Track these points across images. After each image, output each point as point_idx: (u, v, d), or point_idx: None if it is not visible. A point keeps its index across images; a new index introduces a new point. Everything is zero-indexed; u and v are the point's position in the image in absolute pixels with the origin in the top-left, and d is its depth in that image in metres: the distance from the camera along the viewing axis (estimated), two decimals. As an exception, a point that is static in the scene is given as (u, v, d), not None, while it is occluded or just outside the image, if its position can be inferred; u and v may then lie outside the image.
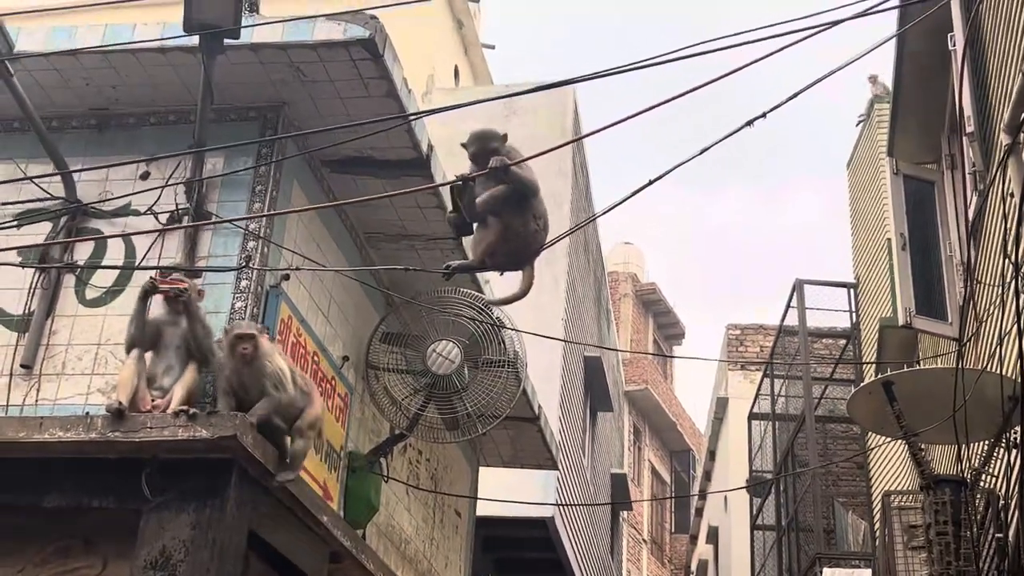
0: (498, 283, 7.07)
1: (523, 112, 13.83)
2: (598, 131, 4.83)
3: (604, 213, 5.21)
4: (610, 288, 26.07)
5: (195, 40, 5.56)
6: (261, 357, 5.17)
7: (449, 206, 5.27)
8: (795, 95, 4.70)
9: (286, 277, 5.94)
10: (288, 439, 5.28)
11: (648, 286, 30.27)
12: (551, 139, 14.05)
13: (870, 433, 10.50)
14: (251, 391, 5.16)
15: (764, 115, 4.66)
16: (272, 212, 5.85)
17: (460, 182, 4.94)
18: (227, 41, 5.55)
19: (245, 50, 5.71)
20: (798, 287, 13.08)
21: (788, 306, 13.51)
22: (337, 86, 5.90)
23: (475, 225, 5.20)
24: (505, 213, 5.00)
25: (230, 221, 5.63)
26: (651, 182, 4.84)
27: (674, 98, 4.60)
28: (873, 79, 12.16)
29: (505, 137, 5.24)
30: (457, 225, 5.22)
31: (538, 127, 13.74)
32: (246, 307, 5.65)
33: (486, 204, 4.99)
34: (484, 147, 5.06)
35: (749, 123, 4.66)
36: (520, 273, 5.21)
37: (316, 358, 6.43)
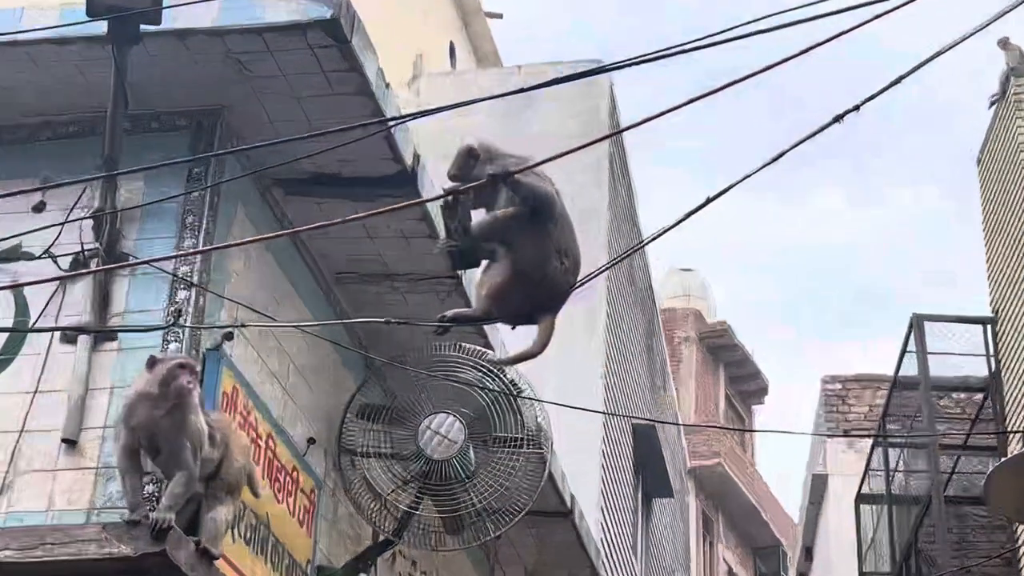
0: (513, 335, 7.10)
1: (543, 101, 13.92)
2: (642, 122, 4.81)
3: (654, 238, 5.24)
4: (665, 330, 26.07)
5: (103, 27, 5.65)
6: (189, 409, 5.20)
7: (442, 231, 5.31)
8: (900, 79, 4.75)
9: (229, 336, 5.98)
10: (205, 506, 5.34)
11: (716, 326, 30.24)
12: (581, 137, 14.07)
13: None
14: (163, 451, 5.18)
15: (857, 107, 4.71)
16: (209, 248, 5.91)
17: (449, 196, 4.94)
18: (145, 27, 5.63)
19: (169, 38, 5.79)
20: (917, 324, 13.04)
21: (904, 350, 13.46)
22: (292, 82, 5.96)
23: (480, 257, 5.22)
24: (515, 244, 4.97)
25: (152, 263, 5.69)
26: (710, 199, 4.87)
27: (736, 81, 4.63)
28: (1005, 43, 12.14)
29: (476, 153, 5.12)
30: (454, 255, 5.22)
31: (564, 121, 13.84)
32: (176, 377, 5.67)
33: (487, 231, 4.95)
34: (464, 162, 5.04)
35: (838, 119, 4.70)
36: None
37: (271, 443, 6.46)
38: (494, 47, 17.98)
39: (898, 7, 4.58)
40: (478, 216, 5.03)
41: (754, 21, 4.58)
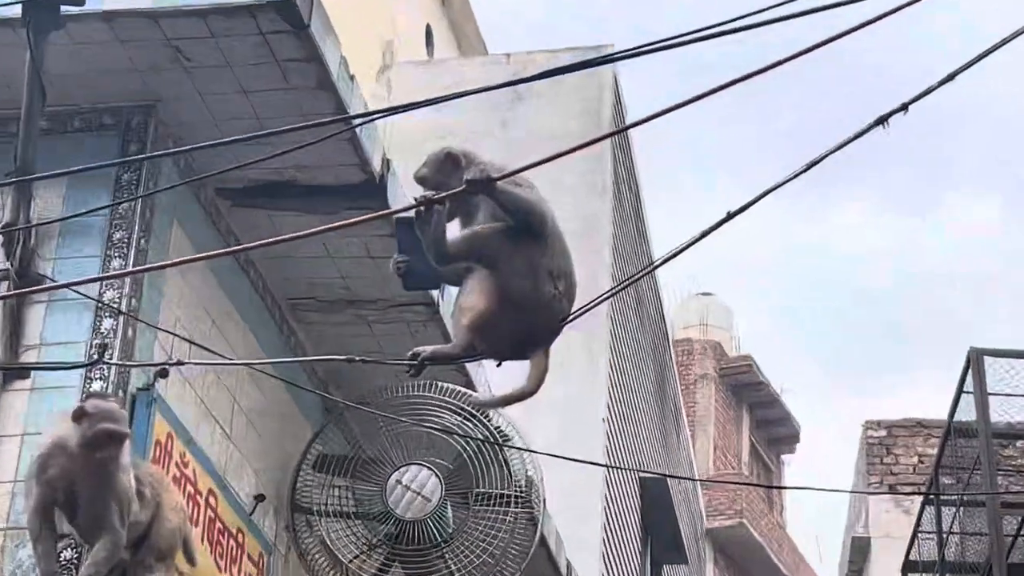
0: (499, 372, 7.05)
1: (536, 96, 13.92)
2: (647, 119, 4.77)
3: (668, 259, 5.18)
4: (679, 365, 26.04)
5: (17, 9, 5.60)
6: (115, 463, 5.12)
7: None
8: (955, 73, 4.71)
9: (164, 374, 5.92)
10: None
11: (740, 361, 30.24)
12: (581, 138, 14.04)
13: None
14: (83, 511, 5.09)
15: (905, 107, 4.67)
16: (140, 268, 5.86)
17: (422, 206, 4.86)
18: (66, 9, 5.58)
19: (95, 22, 5.75)
20: (975, 360, 12.99)
21: (960, 390, 13.41)
22: (239, 74, 5.94)
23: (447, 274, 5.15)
24: (500, 264, 4.91)
25: (72, 287, 5.62)
26: (731, 214, 4.82)
27: (758, 72, 4.59)
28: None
29: (457, 159, 5.07)
30: (407, 274, 5.11)
31: (560, 120, 13.83)
32: (100, 422, 5.61)
33: (466, 247, 4.89)
34: (442, 168, 4.99)
35: (882, 121, 4.66)
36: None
37: (212, 500, 6.40)
38: (478, 32, 17.95)
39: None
40: (453, 230, 4.96)
41: (777, 6, 4.56)
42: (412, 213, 5.01)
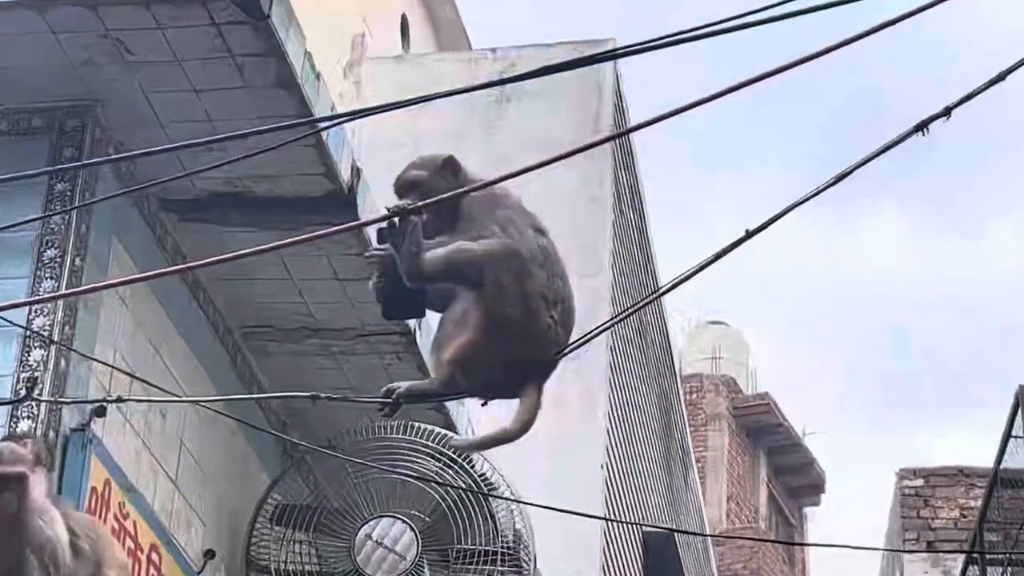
0: (484, 412, 7.12)
1: (526, 96, 14.01)
2: (653, 121, 4.84)
3: (676, 284, 5.26)
4: (689, 403, 26.05)
5: (-65, -4, 5.68)
6: (28, 513, 5.15)
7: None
8: (1006, 73, 4.83)
9: (101, 412, 5.98)
10: None
11: (756, 399, 30.31)
12: (576, 141, 14.11)
13: None
14: None
15: (948, 112, 4.78)
16: (73, 291, 5.91)
17: (396, 216, 4.92)
18: (-8, -4, 5.67)
19: (24, 11, 5.81)
20: (1023, 400, 13.09)
21: (1009, 435, 13.51)
22: (188, 71, 6.00)
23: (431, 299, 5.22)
24: (487, 289, 4.97)
25: (-1, 314, 5.68)
26: (750, 233, 4.92)
27: (768, 74, 4.69)
28: None
29: (457, 169, 5.14)
30: (389, 298, 5.17)
31: (553, 120, 13.90)
32: (29, 467, 5.67)
33: (445, 266, 4.93)
34: (441, 175, 5.05)
35: (921, 127, 4.76)
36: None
37: (155, 556, 6.44)
38: (460, 24, 18.03)
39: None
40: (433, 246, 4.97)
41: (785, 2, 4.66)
42: (384, 224, 5.08)
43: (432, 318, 5.30)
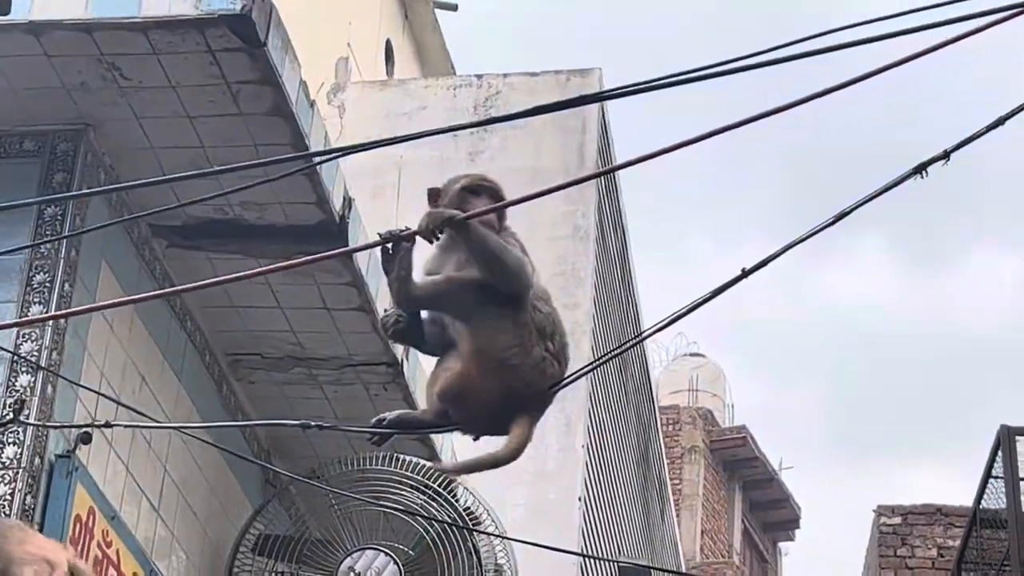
0: (468, 446, 7.12)
1: (511, 125, 13.99)
2: (636, 161, 4.86)
3: (666, 324, 5.26)
4: (665, 436, 26.04)
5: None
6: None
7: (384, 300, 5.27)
8: (1006, 118, 4.85)
9: (86, 439, 5.96)
10: None
11: (733, 432, 30.33)
12: (560, 172, 14.19)
13: None
14: None
15: (947, 156, 4.81)
16: (62, 313, 5.89)
17: (386, 242, 4.89)
18: (-13, 19, 5.65)
19: (19, 34, 5.81)
20: (1006, 439, 13.10)
21: (988, 474, 13.52)
22: (183, 96, 6.01)
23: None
24: (478, 318, 4.95)
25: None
26: (746, 272, 4.92)
27: (761, 116, 4.70)
28: None
29: (481, 186, 5.17)
30: (403, 335, 5.16)
31: (537, 150, 13.92)
32: (12, 493, 5.67)
33: (439, 292, 4.91)
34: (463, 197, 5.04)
35: (920, 169, 4.78)
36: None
37: (139, 585, 6.42)
38: (444, 49, 18.05)
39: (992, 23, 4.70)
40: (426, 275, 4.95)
41: (796, 42, 4.67)
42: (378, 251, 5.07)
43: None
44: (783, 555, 33.35)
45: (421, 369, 6.60)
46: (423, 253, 5.08)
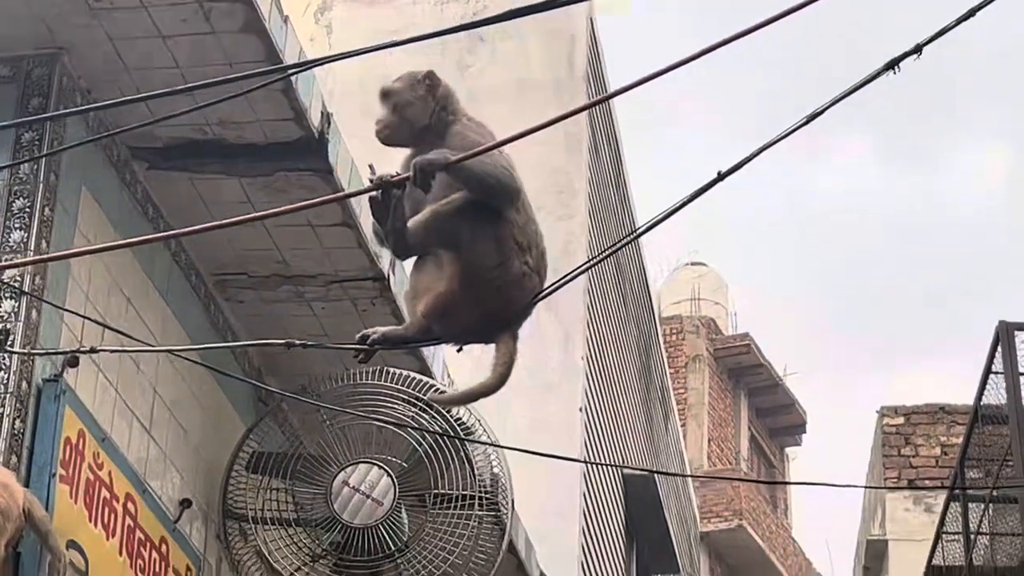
0: (459, 359, 7.14)
1: (500, 37, 13.98)
2: (632, 86, 4.86)
3: (651, 226, 5.27)
4: (668, 346, 26.11)
5: None
6: None
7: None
8: (976, 9, 4.84)
9: (73, 363, 5.98)
10: None
11: (736, 340, 30.39)
12: (550, 88, 14.18)
13: None
14: None
15: (919, 50, 4.79)
16: (49, 256, 5.88)
17: (377, 189, 4.95)
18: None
19: (-15, -45, 5.80)
20: (1005, 336, 13.08)
21: (988, 371, 13.53)
22: (155, 16, 5.98)
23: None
24: (463, 242, 5.00)
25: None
26: (722, 175, 4.92)
27: (749, 31, 4.70)
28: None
29: (435, 85, 5.15)
30: (387, 235, 5.18)
31: (527, 62, 13.87)
32: (1, 418, 5.70)
33: (428, 230, 4.98)
34: (414, 88, 5.05)
35: (892, 65, 4.77)
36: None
37: (131, 506, 6.46)
38: (433, -36, 17.96)
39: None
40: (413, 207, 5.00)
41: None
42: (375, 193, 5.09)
43: (407, 264, 5.31)
44: (790, 460, 33.53)
45: (407, 283, 6.60)
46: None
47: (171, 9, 5.96)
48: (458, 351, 5.41)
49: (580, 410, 13.37)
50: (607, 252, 7.04)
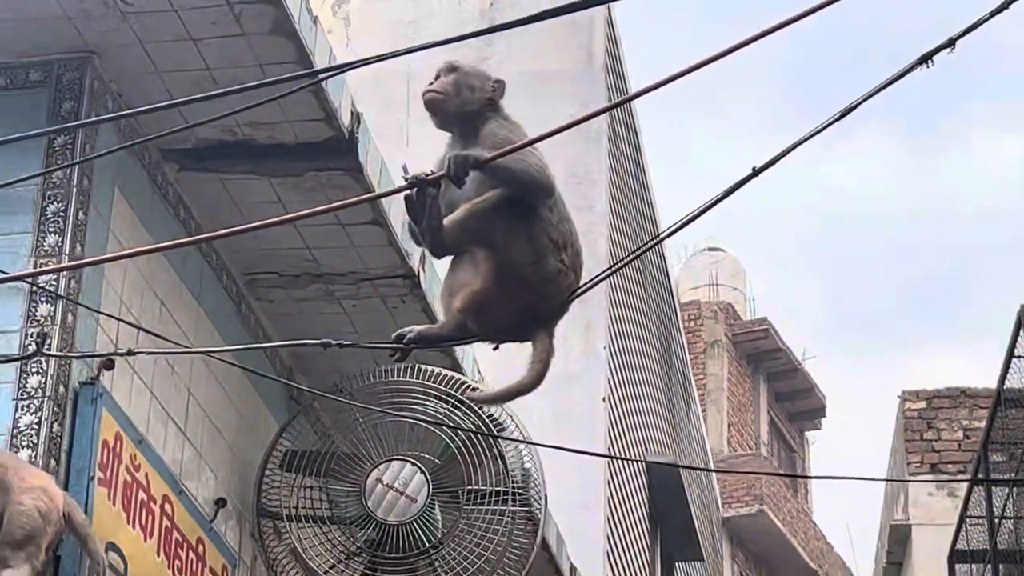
0: (494, 357, 7.16)
1: (517, 28, 13.92)
2: (652, 88, 4.87)
3: (686, 223, 5.28)
4: (687, 331, 26.08)
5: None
6: None
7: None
8: (1010, 2, 4.84)
9: (109, 366, 6.01)
10: None
11: (755, 325, 30.35)
12: (569, 79, 14.16)
13: None
14: None
15: (952, 44, 4.80)
16: (86, 262, 5.89)
17: (412, 187, 4.96)
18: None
19: (18, -40, 5.81)
20: (1026, 320, 13.10)
21: (1011, 354, 13.52)
22: (185, 19, 6.00)
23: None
24: (498, 240, 5.02)
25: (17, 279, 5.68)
26: (756, 171, 4.94)
27: (776, 28, 4.70)
28: None
29: (497, 85, 5.21)
30: (422, 234, 5.19)
31: (545, 53, 13.86)
32: (39, 422, 5.72)
33: (463, 228, 5.00)
34: (463, 89, 5.08)
35: (926, 59, 4.78)
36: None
37: (168, 507, 6.50)
38: (448, -45, 17.94)
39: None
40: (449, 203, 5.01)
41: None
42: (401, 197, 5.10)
43: (437, 261, 5.33)
44: (810, 444, 33.50)
45: (438, 280, 6.63)
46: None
47: (201, 12, 5.98)
48: (494, 349, 5.43)
49: (603, 400, 13.38)
50: (642, 249, 7.04)
